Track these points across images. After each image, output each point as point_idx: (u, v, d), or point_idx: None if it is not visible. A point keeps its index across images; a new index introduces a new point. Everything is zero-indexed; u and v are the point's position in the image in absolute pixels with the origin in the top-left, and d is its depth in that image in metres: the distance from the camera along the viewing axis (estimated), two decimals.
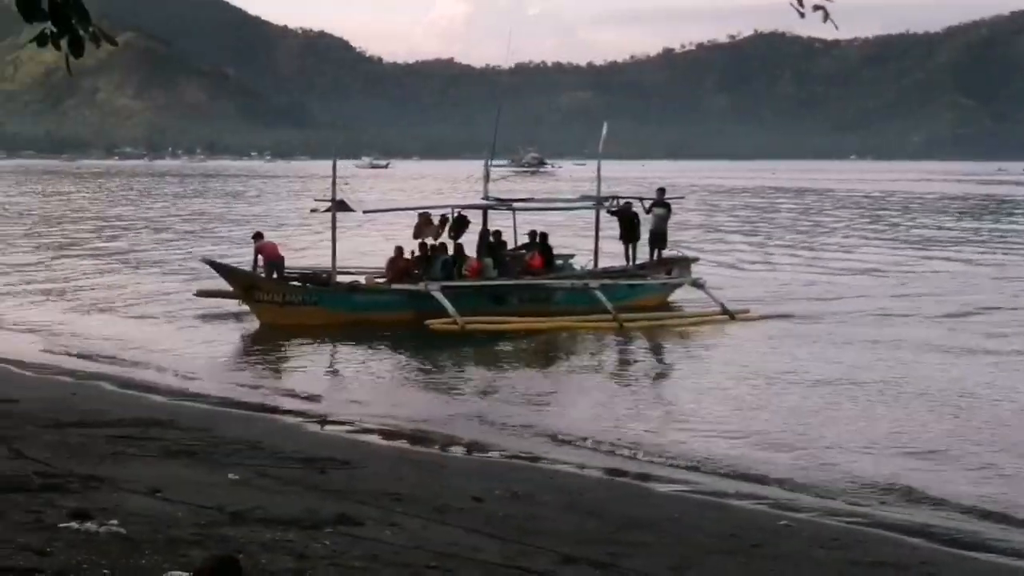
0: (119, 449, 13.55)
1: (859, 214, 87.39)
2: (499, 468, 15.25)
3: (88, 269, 42.73)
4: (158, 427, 15.55)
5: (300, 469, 13.37)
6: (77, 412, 16.45)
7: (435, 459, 15.46)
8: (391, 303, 29.72)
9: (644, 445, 17.18)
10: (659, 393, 21.76)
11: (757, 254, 51.03)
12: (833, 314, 31.57)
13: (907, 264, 46.01)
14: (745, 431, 18.14)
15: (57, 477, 11.35)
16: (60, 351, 25.74)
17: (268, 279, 30.05)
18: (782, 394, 21.14)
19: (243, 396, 20.92)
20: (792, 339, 27.49)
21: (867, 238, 61.17)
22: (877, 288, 37.50)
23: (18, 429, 14.24)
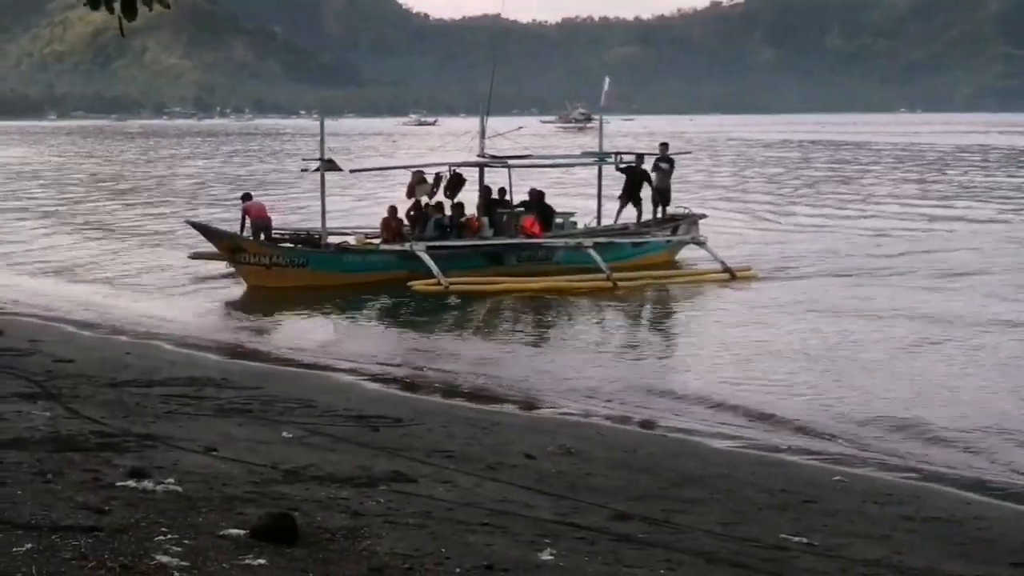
0: (174, 408, 13.64)
1: (892, 167, 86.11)
2: (550, 425, 15.25)
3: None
4: (212, 386, 15.64)
5: (353, 427, 13.41)
6: (132, 371, 16.57)
7: (486, 416, 15.44)
8: (382, 264, 29.29)
9: (693, 401, 17.18)
10: (697, 348, 21.66)
11: (777, 209, 50.33)
12: (858, 271, 31.13)
13: (926, 221, 44.63)
14: (793, 386, 18.07)
15: (113, 436, 11.43)
16: (103, 312, 26.03)
17: (254, 240, 29.51)
18: (833, 348, 21.03)
19: (291, 355, 21.04)
20: (809, 298, 26.97)
21: (894, 193, 59.80)
22: (894, 245, 36.74)
23: (74, 389, 14.37)
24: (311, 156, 30.80)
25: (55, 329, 22.51)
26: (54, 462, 9.93)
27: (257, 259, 28.87)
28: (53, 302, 27.00)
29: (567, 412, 16.59)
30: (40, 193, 61.53)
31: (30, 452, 10.32)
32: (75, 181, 75.21)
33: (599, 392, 17.93)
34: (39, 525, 7.72)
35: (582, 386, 18.31)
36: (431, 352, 21.44)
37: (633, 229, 33.54)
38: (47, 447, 10.64)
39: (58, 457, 10.19)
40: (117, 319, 24.73)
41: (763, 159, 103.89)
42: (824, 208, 51.14)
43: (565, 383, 18.57)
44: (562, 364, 20.17)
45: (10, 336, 19.59)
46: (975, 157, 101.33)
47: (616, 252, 31.23)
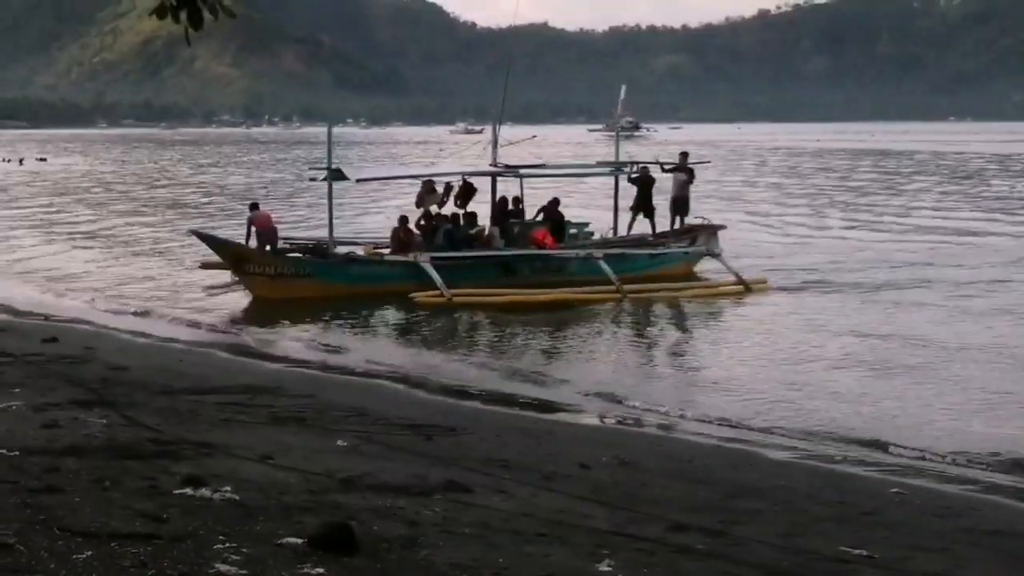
0: (228, 416, 13.67)
1: (934, 178, 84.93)
2: (604, 434, 15.22)
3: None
4: (265, 394, 15.67)
5: (407, 435, 13.40)
6: (186, 379, 16.62)
7: (540, 425, 15.40)
8: (389, 275, 28.78)
9: (742, 410, 17.09)
10: (741, 358, 21.47)
11: (805, 220, 49.73)
12: (899, 281, 30.71)
13: (961, 233, 43.60)
14: (842, 396, 17.95)
15: (170, 443, 11.45)
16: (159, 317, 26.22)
17: (259, 250, 29.23)
18: (877, 359, 20.87)
19: (342, 362, 21.11)
20: (840, 310, 26.67)
21: (932, 203, 58.99)
22: (926, 254, 36.34)
23: (129, 396, 14.41)
24: (319, 165, 30.51)
25: (110, 336, 22.64)
26: (111, 469, 9.95)
27: (262, 269, 28.62)
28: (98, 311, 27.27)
29: (619, 422, 16.55)
30: (84, 211, 61.76)
31: (87, 459, 10.35)
32: (117, 195, 75.63)
33: (647, 401, 17.86)
34: (98, 532, 7.74)
35: (628, 395, 18.26)
36: (468, 361, 21.42)
37: (649, 240, 33.09)
38: (104, 454, 10.67)
39: (115, 464, 10.21)
40: (158, 327, 24.87)
41: (802, 167, 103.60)
42: (855, 218, 50.72)
43: (610, 392, 18.53)
44: (605, 373, 20.20)
45: (65, 343, 19.70)
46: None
47: (632, 263, 30.90)
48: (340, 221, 32.56)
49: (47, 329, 21.99)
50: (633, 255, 31.39)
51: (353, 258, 29.75)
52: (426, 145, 48.32)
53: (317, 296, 27.81)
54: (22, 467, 9.78)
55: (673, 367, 20.85)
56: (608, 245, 31.72)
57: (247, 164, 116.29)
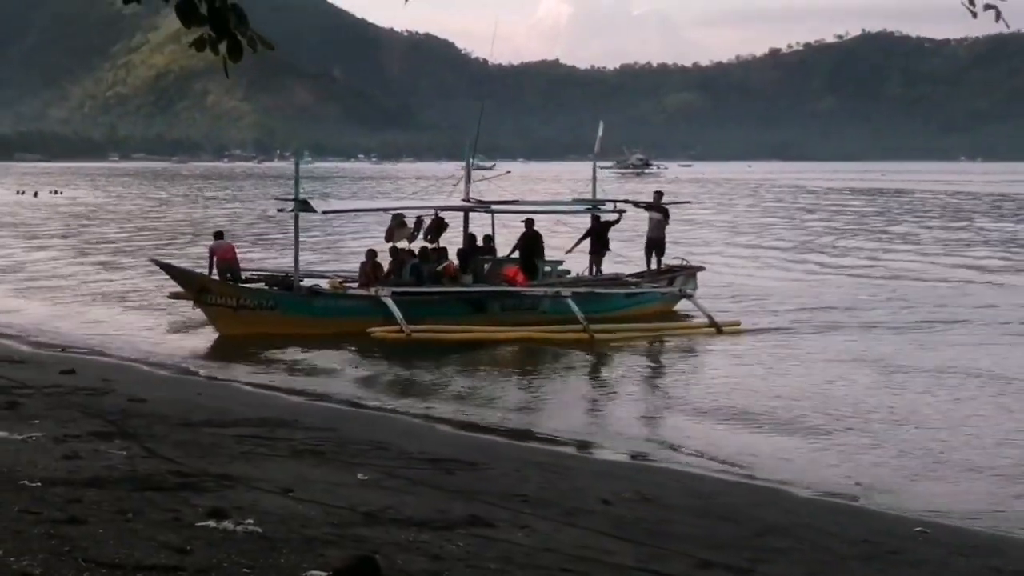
0: (249, 448, 13.64)
1: (929, 216, 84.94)
2: (625, 470, 15.16)
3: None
4: (285, 427, 15.64)
5: (427, 470, 13.36)
6: (205, 411, 16.61)
7: (560, 461, 15.36)
8: (353, 309, 28.29)
9: (760, 449, 17.05)
10: (755, 398, 21.30)
11: (791, 257, 50.02)
12: (878, 323, 30.40)
13: (940, 271, 43.73)
14: (857, 436, 17.91)
15: (191, 476, 11.43)
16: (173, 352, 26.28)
17: (221, 281, 28.79)
18: (903, 397, 20.82)
19: (361, 396, 21.16)
20: (837, 349, 26.51)
21: (920, 243, 58.86)
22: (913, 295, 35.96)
23: (149, 428, 14.40)
24: (286, 196, 30.36)
25: (127, 368, 22.72)
26: (134, 501, 9.94)
27: (224, 300, 27.95)
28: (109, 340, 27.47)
29: (637, 457, 16.51)
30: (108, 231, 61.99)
31: (109, 491, 10.35)
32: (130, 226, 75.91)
33: (661, 438, 17.91)
34: (123, 564, 7.74)
35: (642, 432, 18.31)
36: (475, 397, 21.46)
37: (625, 280, 32.64)
38: (126, 486, 10.66)
39: (137, 496, 10.20)
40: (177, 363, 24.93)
41: (800, 205, 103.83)
42: (844, 256, 50.84)
43: (622, 428, 18.59)
44: (613, 410, 20.36)
45: (83, 375, 19.71)
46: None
47: (608, 303, 30.69)
48: (332, 255, 32.54)
49: (64, 361, 22.08)
50: (607, 294, 31.08)
51: (317, 291, 29.12)
52: (433, 180, 48.33)
53: (279, 331, 27.33)
54: (44, 498, 9.78)
55: (676, 406, 20.75)
56: (577, 284, 31.22)
57: (251, 197, 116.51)
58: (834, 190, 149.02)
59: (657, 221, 33.84)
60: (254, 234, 62.45)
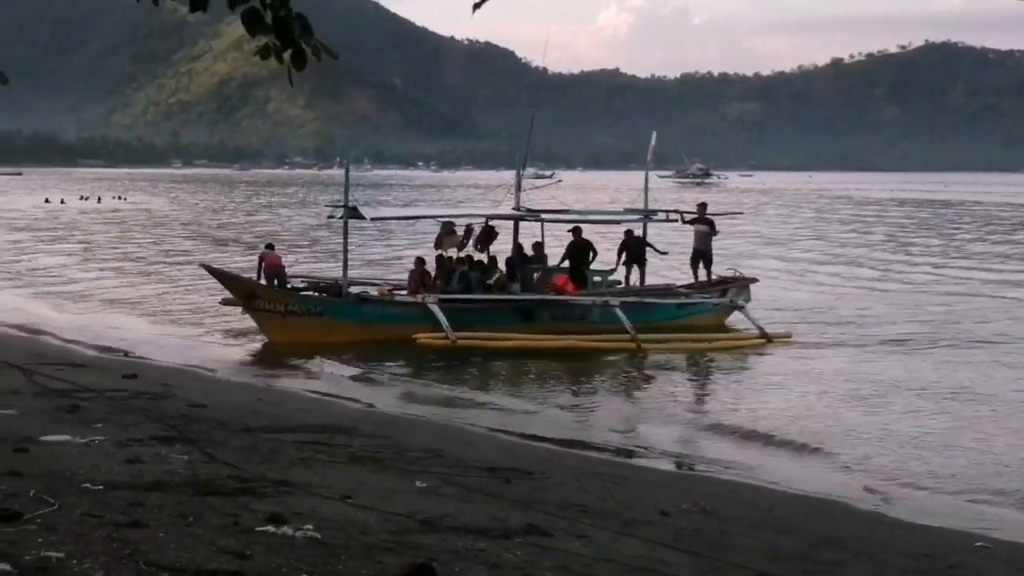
0: (307, 455, 13.68)
1: (992, 230, 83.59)
2: (682, 481, 15.12)
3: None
4: (343, 434, 15.68)
5: (484, 478, 13.37)
6: (264, 417, 16.70)
7: (617, 470, 15.34)
8: (401, 316, 28.42)
9: (818, 459, 17.00)
10: (807, 412, 21.15)
11: (847, 271, 49.49)
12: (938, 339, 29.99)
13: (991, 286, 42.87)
14: (917, 447, 17.85)
15: (250, 481, 11.47)
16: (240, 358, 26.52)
17: (269, 287, 29.14)
18: (941, 412, 20.71)
19: (416, 404, 21.39)
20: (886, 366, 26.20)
21: (982, 257, 57.72)
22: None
23: (209, 433, 14.48)
24: (337, 203, 30.49)
25: (187, 373, 22.92)
26: (194, 505, 9.99)
27: (272, 306, 28.33)
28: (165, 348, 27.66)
29: (695, 468, 16.48)
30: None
31: (170, 495, 10.39)
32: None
33: (718, 450, 17.91)
34: (183, 568, 7.77)
35: (699, 442, 18.27)
36: (527, 405, 21.63)
37: (676, 289, 32.72)
38: (186, 490, 10.70)
39: (197, 501, 10.24)
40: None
41: (860, 218, 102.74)
42: (904, 269, 50.40)
43: (677, 439, 18.65)
44: (668, 420, 20.37)
45: (144, 379, 19.90)
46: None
47: (658, 313, 30.60)
48: (383, 268, 32.64)
49: (127, 365, 22.31)
50: (657, 304, 31.04)
51: (365, 298, 29.43)
52: (486, 188, 48.25)
53: (327, 339, 27.52)
54: (107, 501, 9.85)
55: (726, 416, 20.73)
56: (621, 292, 31.28)
57: (309, 204, 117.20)
58: (895, 201, 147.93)
59: (703, 233, 33.74)
60: (310, 240, 62.93)
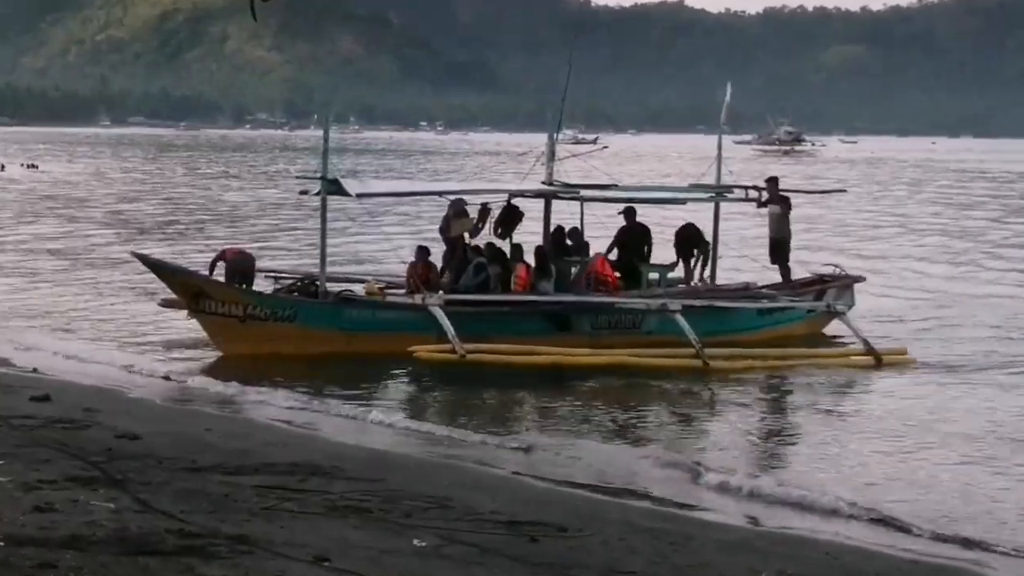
0: (272, 503, 13.72)
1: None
2: (761, 541, 15.07)
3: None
4: (320, 476, 15.68)
5: (503, 535, 13.38)
6: (216, 453, 16.74)
7: (676, 527, 15.31)
8: (396, 322, 28.16)
9: (931, 514, 17.01)
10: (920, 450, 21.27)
11: (977, 268, 49.71)
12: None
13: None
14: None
15: (197, 536, 11.53)
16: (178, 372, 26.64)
17: (224, 284, 28.59)
18: None
19: (416, 438, 21.41)
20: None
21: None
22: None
23: (143, 473, 14.53)
24: (313, 174, 30.30)
25: (115, 394, 22.96)
26: (123, 568, 10.06)
27: (227, 308, 27.86)
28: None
29: (776, 526, 16.46)
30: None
31: (91, 554, 10.47)
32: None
33: (805, 500, 17.84)
34: None
35: (779, 493, 18.26)
36: (559, 441, 21.62)
37: (760, 291, 32.43)
38: (112, 548, 10.77)
39: (127, 562, 10.32)
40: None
41: (997, 197, 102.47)
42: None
43: (757, 489, 18.53)
44: (741, 463, 20.44)
45: (59, 403, 19.90)
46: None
47: (735, 321, 30.63)
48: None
49: (36, 384, 22.28)
50: (734, 310, 30.90)
51: (348, 298, 29.20)
52: (509, 158, 47.47)
53: (299, 351, 27.48)
54: (9, 561, 9.90)
55: (827, 458, 20.84)
56: (683, 293, 30.85)
57: (279, 175, 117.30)
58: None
59: (777, 216, 33.36)
60: (276, 223, 63.05)
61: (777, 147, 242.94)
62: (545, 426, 22.93)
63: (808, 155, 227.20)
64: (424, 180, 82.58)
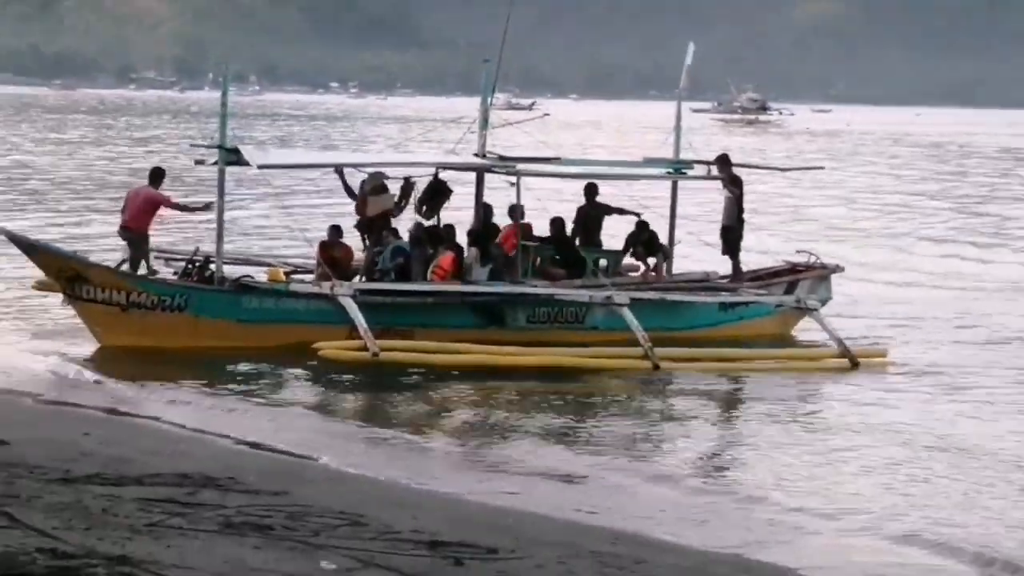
0: (158, 519, 13.68)
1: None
2: (722, 567, 15.15)
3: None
4: (212, 488, 15.67)
5: (425, 556, 13.40)
6: (95, 461, 16.67)
7: (628, 549, 15.35)
8: (300, 312, 28.37)
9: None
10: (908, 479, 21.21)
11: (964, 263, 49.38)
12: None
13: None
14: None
15: (72, 557, 11.47)
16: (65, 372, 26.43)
17: (102, 267, 28.80)
18: None
19: (325, 445, 21.31)
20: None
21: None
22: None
23: (10, 484, 14.47)
24: (203, 141, 30.24)
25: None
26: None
27: (107, 294, 27.76)
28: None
29: (745, 550, 16.54)
30: None
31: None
32: None
33: (780, 522, 18.12)
34: None
35: (751, 515, 18.49)
36: (490, 450, 21.93)
37: (720, 282, 32.57)
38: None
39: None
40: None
41: (988, 177, 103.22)
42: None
43: (722, 508, 18.88)
44: (704, 477, 20.91)
45: None
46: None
47: (690, 316, 30.78)
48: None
49: None
50: (690, 304, 31.00)
51: (247, 285, 29.09)
52: (435, 125, 47.02)
53: (189, 343, 27.54)
54: None
55: (791, 473, 21.12)
56: (650, 289, 31.09)
57: (168, 141, 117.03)
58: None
59: (730, 201, 33.23)
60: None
61: (740, 116, 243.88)
62: (471, 432, 22.96)
63: (775, 125, 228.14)
64: (340, 150, 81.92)
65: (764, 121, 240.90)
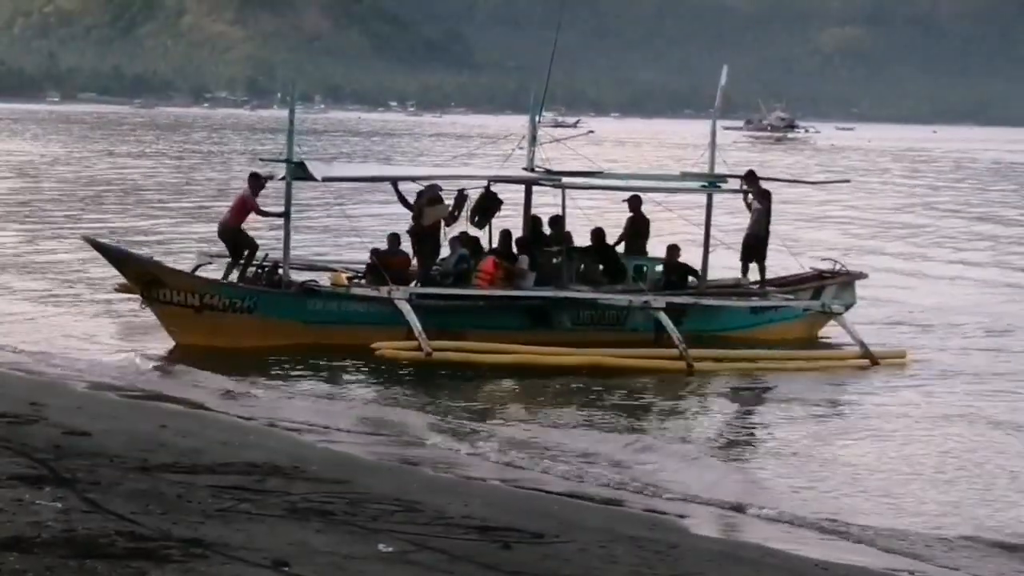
0: (228, 505, 13.66)
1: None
2: (751, 553, 15.07)
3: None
4: (280, 476, 15.64)
5: (474, 541, 13.35)
6: (170, 451, 16.69)
7: (661, 535, 15.28)
8: (360, 315, 28.48)
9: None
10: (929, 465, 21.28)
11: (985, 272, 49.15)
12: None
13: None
14: None
15: (149, 539, 11.46)
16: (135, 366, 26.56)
17: (178, 271, 28.93)
18: None
19: (384, 439, 21.49)
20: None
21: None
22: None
23: (93, 472, 14.44)
24: (276, 156, 30.21)
25: (64, 388, 22.90)
26: (69, 572, 10.00)
27: (183, 297, 27.97)
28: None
29: (768, 537, 16.44)
30: None
31: (36, 556, 10.40)
32: None
33: (806, 511, 17.99)
34: None
35: (778, 502, 18.41)
36: (536, 442, 21.75)
37: (751, 288, 32.43)
38: (59, 551, 10.70)
39: (74, 565, 10.26)
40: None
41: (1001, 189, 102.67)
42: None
43: (749, 495, 18.74)
44: (734, 469, 20.64)
45: (4, 396, 19.83)
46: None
47: (724, 319, 30.77)
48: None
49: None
50: (723, 308, 31.03)
51: (312, 289, 29.11)
52: (486, 141, 46.98)
53: (258, 343, 27.72)
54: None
55: (814, 464, 21.03)
56: (685, 293, 30.85)
57: (239, 156, 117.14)
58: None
59: (759, 212, 32.78)
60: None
61: (769, 133, 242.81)
62: (520, 426, 22.90)
63: (802, 143, 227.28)
64: (398, 164, 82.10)
65: (792, 138, 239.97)
